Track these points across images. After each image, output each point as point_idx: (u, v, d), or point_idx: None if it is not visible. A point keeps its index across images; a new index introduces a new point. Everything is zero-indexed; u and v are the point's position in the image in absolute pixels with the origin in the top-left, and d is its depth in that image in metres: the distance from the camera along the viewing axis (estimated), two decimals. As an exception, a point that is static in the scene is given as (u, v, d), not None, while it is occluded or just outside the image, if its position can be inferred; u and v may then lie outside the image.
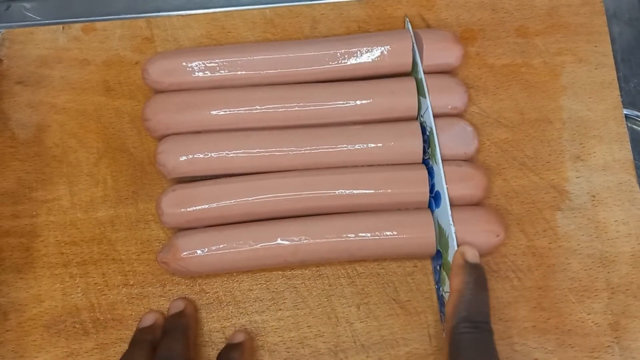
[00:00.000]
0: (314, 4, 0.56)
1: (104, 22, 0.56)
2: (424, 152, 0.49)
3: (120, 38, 0.55)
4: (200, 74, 0.50)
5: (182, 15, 0.56)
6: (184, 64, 0.50)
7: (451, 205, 0.47)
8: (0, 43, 0.55)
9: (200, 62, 0.50)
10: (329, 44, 0.51)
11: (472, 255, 0.43)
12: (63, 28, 0.55)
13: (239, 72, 0.50)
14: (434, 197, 0.48)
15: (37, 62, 0.54)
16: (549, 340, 0.48)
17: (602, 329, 0.48)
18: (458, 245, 0.44)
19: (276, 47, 0.51)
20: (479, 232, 0.47)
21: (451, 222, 0.45)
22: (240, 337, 0.47)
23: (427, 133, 0.49)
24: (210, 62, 0.50)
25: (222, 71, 0.50)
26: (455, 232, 0.45)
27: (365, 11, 0.55)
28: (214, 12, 0.56)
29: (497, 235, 0.47)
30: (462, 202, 0.48)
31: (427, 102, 0.49)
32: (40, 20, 0.57)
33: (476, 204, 0.49)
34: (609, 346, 0.48)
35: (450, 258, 0.44)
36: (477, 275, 0.42)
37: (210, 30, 0.55)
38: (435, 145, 0.47)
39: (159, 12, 0.57)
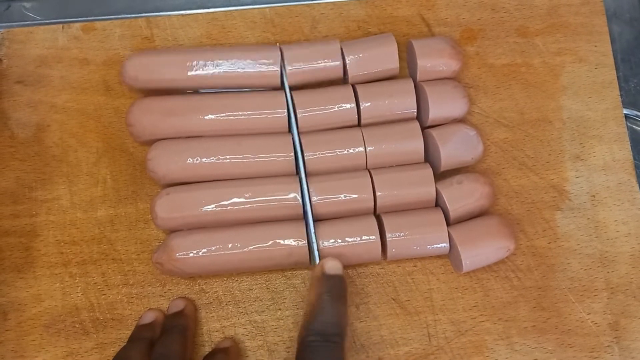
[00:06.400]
0: (314, 3, 0.56)
1: (104, 21, 0.55)
2: (297, 165, 0.49)
3: (120, 38, 0.55)
4: (176, 74, 0.50)
5: (182, 15, 0.56)
6: (159, 62, 0.50)
7: (463, 221, 0.48)
8: (0, 42, 0.55)
9: (177, 62, 0.50)
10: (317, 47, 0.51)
11: (330, 267, 0.43)
12: (63, 27, 0.55)
13: (217, 73, 0.50)
14: (305, 213, 0.47)
15: (36, 61, 0.54)
16: (548, 340, 0.48)
17: (601, 329, 0.48)
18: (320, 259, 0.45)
19: (257, 50, 0.51)
20: (490, 251, 0.47)
21: (314, 239, 0.46)
22: (227, 343, 0.47)
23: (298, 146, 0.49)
24: (188, 62, 0.50)
25: (199, 71, 0.50)
26: (317, 248, 0.45)
27: (365, 11, 0.55)
28: (214, 12, 0.56)
29: (508, 250, 0.47)
30: (472, 215, 0.49)
31: (292, 117, 0.49)
32: (40, 19, 0.57)
33: (485, 211, 0.49)
34: (608, 346, 0.48)
35: None
36: (332, 285, 0.42)
37: (210, 30, 0.55)
38: (299, 160, 0.48)
39: (158, 11, 0.57)
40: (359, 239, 0.47)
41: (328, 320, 0.40)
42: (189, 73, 0.50)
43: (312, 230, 0.46)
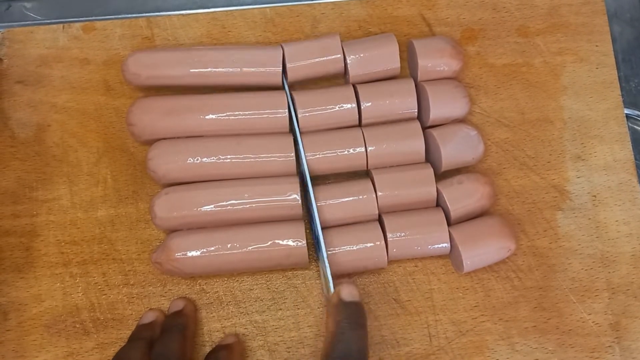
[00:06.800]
0: (315, 3, 0.56)
1: (104, 21, 0.55)
2: (304, 198, 0.48)
3: (120, 37, 0.55)
4: (177, 71, 0.50)
5: (182, 15, 0.56)
6: (161, 58, 0.50)
7: (463, 221, 0.48)
8: (1, 42, 0.55)
9: (178, 59, 0.50)
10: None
11: (347, 293, 0.42)
12: (63, 27, 0.55)
13: (218, 70, 0.50)
14: (317, 242, 0.47)
15: (37, 61, 0.54)
16: (549, 340, 0.48)
17: (602, 329, 0.48)
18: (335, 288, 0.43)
19: (259, 49, 0.51)
20: (491, 251, 0.47)
21: (327, 264, 0.44)
22: (230, 340, 0.47)
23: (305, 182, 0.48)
24: (189, 59, 0.50)
25: (201, 68, 0.50)
26: (331, 277, 0.44)
27: (366, 10, 0.55)
28: (214, 12, 0.56)
29: (509, 250, 0.47)
30: (473, 215, 0.49)
31: (302, 155, 0.48)
32: (40, 19, 0.57)
33: (486, 211, 0.49)
34: (609, 346, 0.48)
35: None
36: (351, 313, 0.41)
37: (210, 30, 0.55)
38: (310, 194, 0.47)
39: (159, 11, 0.57)
40: (364, 254, 0.47)
41: (349, 348, 0.39)
42: (190, 70, 0.50)
43: (325, 256, 0.45)
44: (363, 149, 0.49)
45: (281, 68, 0.50)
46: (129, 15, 0.57)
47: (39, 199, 0.51)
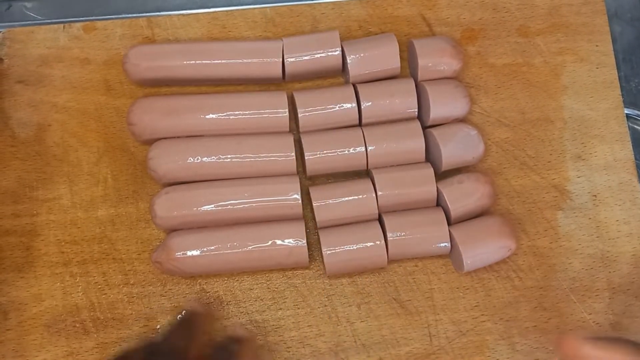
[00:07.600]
0: (315, 3, 0.56)
1: (105, 21, 0.55)
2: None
3: (121, 37, 0.55)
4: (176, 61, 0.50)
5: (183, 15, 0.56)
6: (161, 49, 0.51)
7: (463, 221, 0.48)
8: (1, 42, 0.55)
9: (178, 50, 0.50)
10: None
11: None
12: (64, 27, 0.55)
13: (219, 62, 0.50)
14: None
15: (38, 61, 0.54)
16: (550, 340, 0.48)
17: (603, 329, 0.48)
18: None
19: (254, 41, 0.51)
20: (491, 251, 0.47)
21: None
22: (241, 332, 0.46)
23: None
24: (188, 50, 0.50)
25: (199, 60, 0.50)
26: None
27: (366, 10, 0.55)
28: (215, 12, 0.56)
29: (509, 249, 0.47)
30: (473, 215, 0.48)
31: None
32: (41, 19, 0.57)
33: (486, 211, 0.49)
34: (610, 346, 0.48)
35: None
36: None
37: (211, 30, 0.55)
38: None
39: (159, 11, 0.57)
40: (364, 253, 0.47)
41: None
42: (190, 61, 0.50)
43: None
44: (363, 149, 0.49)
45: (281, 59, 0.50)
46: (130, 15, 0.57)
47: (39, 198, 0.51)
